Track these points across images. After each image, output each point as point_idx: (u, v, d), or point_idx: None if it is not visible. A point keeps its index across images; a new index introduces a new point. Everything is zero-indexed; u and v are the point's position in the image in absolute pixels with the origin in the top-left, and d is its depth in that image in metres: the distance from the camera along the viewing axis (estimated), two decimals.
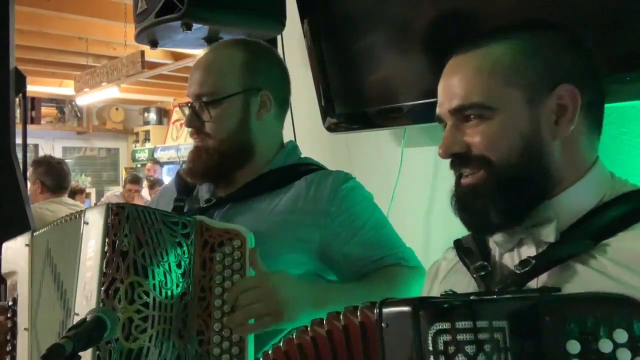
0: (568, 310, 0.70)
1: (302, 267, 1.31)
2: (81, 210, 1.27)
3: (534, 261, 0.85)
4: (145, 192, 7.21)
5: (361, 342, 0.81)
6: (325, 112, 1.98)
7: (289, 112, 1.51)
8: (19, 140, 2.30)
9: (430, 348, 0.71)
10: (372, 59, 1.81)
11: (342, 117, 1.96)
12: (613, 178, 0.92)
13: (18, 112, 2.39)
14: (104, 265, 1.15)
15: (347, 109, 1.95)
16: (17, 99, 2.29)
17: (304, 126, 2.09)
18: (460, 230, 1.08)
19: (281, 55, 2.04)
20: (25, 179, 2.37)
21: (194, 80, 1.37)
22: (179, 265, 1.19)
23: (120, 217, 1.17)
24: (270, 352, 0.95)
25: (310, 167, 1.41)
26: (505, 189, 0.88)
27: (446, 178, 1.84)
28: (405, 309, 0.75)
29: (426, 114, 1.68)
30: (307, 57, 2.00)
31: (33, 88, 7.51)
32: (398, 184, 1.92)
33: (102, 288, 1.13)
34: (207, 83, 1.35)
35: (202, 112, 1.35)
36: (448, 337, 0.71)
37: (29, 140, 2.44)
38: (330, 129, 1.99)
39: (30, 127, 5.73)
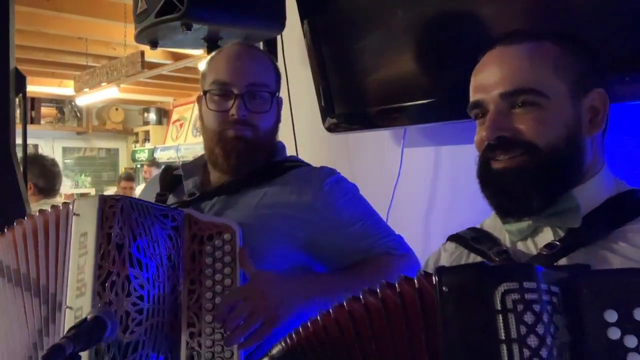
0: (603, 282, 0.73)
1: (288, 260, 1.32)
2: (66, 202, 1.24)
3: (559, 244, 0.89)
4: (138, 191, 7.22)
5: (420, 308, 0.78)
6: (325, 112, 1.98)
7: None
8: (19, 140, 2.29)
9: (499, 307, 0.70)
10: (371, 59, 1.81)
11: (342, 117, 1.96)
12: (616, 178, 0.98)
13: (18, 112, 2.38)
14: (100, 258, 1.13)
15: (347, 109, 1.95)
16: (17, 99, 2.28)
17: (304, 126, 2.09)
18: (460, 229, 1.08)
19: (281, 56, 2.06)
20: (26, 179, 2.36)
21: (245, 70, 1.36)
22: (169, 258, 1.19)
23: (115, 209, 1.16)
24: (318, 317, 0.88)
25: (294, 164, 1.44)
26: (549, 174, 0.92)
27: (446, 178, 1.86)
28: (468, 272, 0.77)
29: (426, 114, 1.69)
30: (307, 57, 2.00)
31: (33, 88, 7.50)
32: (398, 184, 1.92)
33: (99, 281, 1.12)
34: (263, 75, 1.38)
35: (250, 101, 1.35)
36: (517, 296, 0.70)
37: (29, 141, 2.43)
38: (330, 129, 2.00)
39: (30, 127, 5.73)
